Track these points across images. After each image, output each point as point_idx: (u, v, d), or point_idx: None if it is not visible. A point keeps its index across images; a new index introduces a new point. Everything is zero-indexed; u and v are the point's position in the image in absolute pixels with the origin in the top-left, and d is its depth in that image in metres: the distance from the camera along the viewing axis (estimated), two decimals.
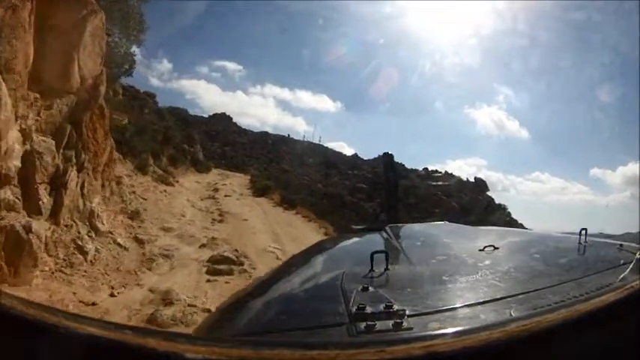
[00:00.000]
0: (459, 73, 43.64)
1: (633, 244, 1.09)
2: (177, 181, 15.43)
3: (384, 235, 1.60)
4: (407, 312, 0.70)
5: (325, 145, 32.51)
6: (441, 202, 23.05)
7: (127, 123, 13.60)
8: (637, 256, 0.89)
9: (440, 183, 24.93)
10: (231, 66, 44.24)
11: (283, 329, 0.78)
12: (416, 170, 27.68)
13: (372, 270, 0.94)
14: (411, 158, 57.42)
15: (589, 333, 0.44)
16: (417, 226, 2.22)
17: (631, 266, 0.85)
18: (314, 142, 32.02)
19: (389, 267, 0.96)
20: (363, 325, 0.67)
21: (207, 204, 13.02)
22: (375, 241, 1.58)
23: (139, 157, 13.07)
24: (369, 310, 0.70)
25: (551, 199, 38.06)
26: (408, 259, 1.15)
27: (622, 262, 0.92)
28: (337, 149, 32.88)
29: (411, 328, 0.66)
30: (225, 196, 15.09)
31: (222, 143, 30.09)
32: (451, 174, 28.09)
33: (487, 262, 1.01)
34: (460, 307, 0.75)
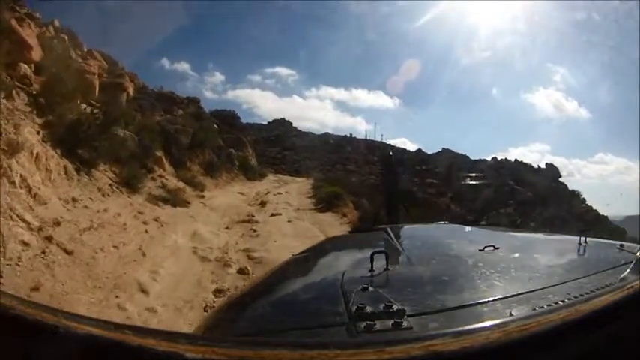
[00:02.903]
0: (512, 56, 41.91)
1: (633, 244, 1.10)
2: (203, 196, 11.25)
3: (384, 235, 1.59)
4: (407, 312, 0.70)
5: (388, 142, 31.07)
6: (514, 193, 21.98)
7: (89, 112, 9.03)
8: (637, 255, 0.89)
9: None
10: (283, 71, 41.94)
11: (283, 329, 0.78)
12: (484, 161, 26.64)
13: (372, 270, 0.94)
14: (474, 148, 56.65)
15: (589, 333, 0.44)
16: (417, 227, 2.23)
17: (631, 266, 0.85)
18: (376, 140, 30.60)
19: (389, 267, 0.96)
20: (362, 324, 0.67)
21: (232, 237, 7.41)
22: (375, 241, 1.58)
23: (128, 166, 9.14)
24: (368, 309, 0.71)
25: (616, 180, 35.35)
26: (408, 259, 1.16)
27: (622, 262, 0.93)
28: (400, 146, 31.62)
29: (410, 328, 0.66)
30: (273, 215, 9.64)
31: (282, 148, 29.13)
32: (521, 162, 26.88)
33: (487, 262, 1.02)
34: (460, 307, 0.75)
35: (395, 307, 0.70)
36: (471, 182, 21.69)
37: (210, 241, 7.03)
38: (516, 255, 1.14)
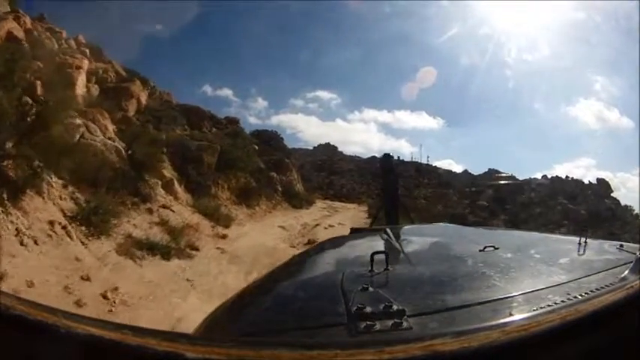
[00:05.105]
0: (551, 68, 41.41)
1: (633, 244, 1.10)
2: (224, 236, 8.08)
3: (384, 235, 1.60)
4: (406, 312, 0.70)
5: (434, 164, 30.64)
6: (568, 211, 21.11)
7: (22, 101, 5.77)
8: (637, 255, 0.89)
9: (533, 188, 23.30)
10: (325, 95, 41.89)
11: (283, 329, 0.78)
12: (535, 179, 25.72)
13: (371, 270, 0.94)
14: (519, 167, 55.71)
15: (589, 333, 0.44)
16: (417, 227, 2.23)
17: (631, 266, 0.85)
18: (422, 162, 30.04)
19: (389, 267, 0.96)
20: (362, 325, 0.67)
21: None
22: (375, 241, 1.58)
23: (99, 190, 6.14)
24: (368, 310, 0.71)
25: None
26: (408, 260, 1.16)
27: (622, 262, 0.93)
28: (446, 167, 31.24)
29: (410, 328, 0.66)
30: None
31: (328, 172, 28.25)
32: (572, 178, 26.18)
33: (487, 263, 1.02)
34: (460, 307, 0.75)
35: (395, 307, 0.70)
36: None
37: None
38: (516, 255, 1.14)
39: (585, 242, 1.17)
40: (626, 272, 0.83)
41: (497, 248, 1.14)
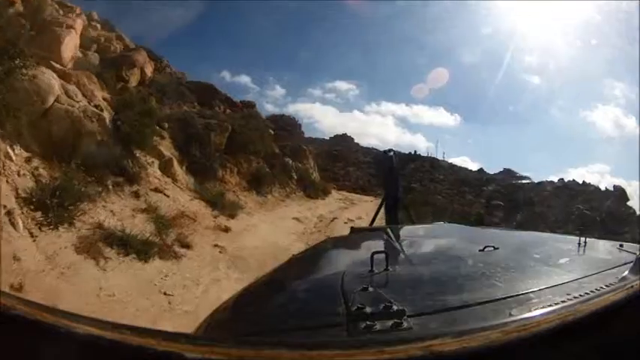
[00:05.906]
0: (571, 72, 40.12)
1: (633, 244, 1.10)
2: (227, 229, 6.74)
3: (385, 235, 1.60)
4: (406, 312, 0.70)
5: (449, 160, 30.12)
6: (584, 217, 20.59)
7: None
8: (637, 255, 0.89)
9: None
10: (343, 85, 40.91)
11: (283, 329, 0.78)
12: (552, 182, 25.15)
13: (372, 270, 0.94)
14: (534, 169, 54.85)
15: (589, 333, 0.44)
16: (417, 227, 2.23)
17: (631, 266, 0.85)
18: (438, 158, 29.70)
19: (389, 267, 0.96)
20: (362, 325, 0.67)
21: None
22: (376, 241, 1.58)
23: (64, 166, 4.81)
24: (368, 310, 0.71)
25: None
26: (408, 260, 1.16)
27: (622, 262, 0.93)
28: (461, 164, 30.57)
29: (410, 328, 0.66)
30: None
31: (344, 163, 27.84)
32: (589, 184, 25.48)
33: (487, 263, 1.02)
34: (460, 307, 0.75)
35: (395, 307, 0.70)
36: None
37: None
38: (516, 255, 1.14)
39: (585, 242, 1.17)
40: (626, 272, 0.83)
41: (497, 248, 1.14)
